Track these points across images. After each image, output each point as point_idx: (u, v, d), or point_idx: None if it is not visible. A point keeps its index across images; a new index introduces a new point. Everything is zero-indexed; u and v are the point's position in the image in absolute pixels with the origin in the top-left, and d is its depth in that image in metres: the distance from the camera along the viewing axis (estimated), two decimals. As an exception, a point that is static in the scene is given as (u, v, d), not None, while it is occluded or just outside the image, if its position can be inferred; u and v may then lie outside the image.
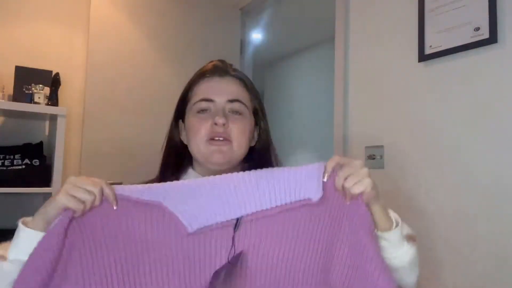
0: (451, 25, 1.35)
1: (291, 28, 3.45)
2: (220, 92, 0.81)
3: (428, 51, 1.42)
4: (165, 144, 0.90)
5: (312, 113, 3.73)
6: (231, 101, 0.81)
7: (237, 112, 0.81)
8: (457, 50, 1.32)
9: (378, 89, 1.62)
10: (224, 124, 0.77)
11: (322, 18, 2.90)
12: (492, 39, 1.23)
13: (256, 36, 3.49)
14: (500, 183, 1.20)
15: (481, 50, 1.27)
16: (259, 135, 0.89)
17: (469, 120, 1.29)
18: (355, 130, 1.72)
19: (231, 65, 0.89)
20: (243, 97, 0.84)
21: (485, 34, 1.25)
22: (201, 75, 0.86)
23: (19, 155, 1.84)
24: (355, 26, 1.77)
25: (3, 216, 1.93)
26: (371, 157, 1.60)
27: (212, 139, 0.77)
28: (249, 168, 0.74)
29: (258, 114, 0.88)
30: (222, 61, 0.88)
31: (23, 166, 1.80)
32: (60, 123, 1.84)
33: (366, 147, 1.64)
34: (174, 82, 2.19)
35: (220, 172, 0.74)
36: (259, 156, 0.87)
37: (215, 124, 0.77)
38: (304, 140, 3.61)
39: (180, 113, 0.88)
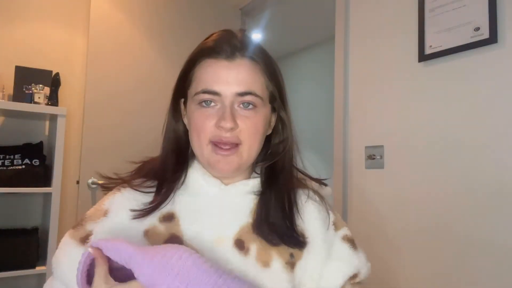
0: (451, 25, 1.35)
1: (291, 28, 3.46)
2: (227, 82, 0.65)
3: (428, 51, 1.42)
4: (164, 130, 0.74)
5: (312, 113, 3.73)
6: (241, 94, 0.65)
7: (249, 105, 0.66)
8: (457, 50, 1.32)
9: (378, 89, 1.62)
10: (232, 128, 0.64)
11: (322, 18, 2.91)
12: (492, 39, 1.23)
13: (256, 36, 3.49)
14: (500, 183, 1.20)
15: (481, 50, 1.27)
16: (276, 124, 0.75)
17: (469, 120, 1.29)
18: (355, 130, 1.72)
19: (242, 33, 0.70)
20: (256, 85, 0.67)
21: (485, 34, 1.25)
22: (203, 53, 0.68)
23: (19, 155, 1.84)
24: (355, 26, 1.77)
25: (3, 216, 1.94)
26: (371, 157, 1.60)
27: (216, 144, 0.65)
28: (260, 172, 0.72)
29: (276, 100, 0.72)
30: (229, 33, 0.69)
31: (23, 166, 1.80)
32: (60, 123, 1.84)
33: (366, 147, 1.64)
34: (174, 83, 2.18)
35: (228, 175, 0.69)
36: (274, 151, 0.74)
37: (221, 126, 0.64)
38: (304, 140, 3.59)
39: (181, 92, 0.73)
